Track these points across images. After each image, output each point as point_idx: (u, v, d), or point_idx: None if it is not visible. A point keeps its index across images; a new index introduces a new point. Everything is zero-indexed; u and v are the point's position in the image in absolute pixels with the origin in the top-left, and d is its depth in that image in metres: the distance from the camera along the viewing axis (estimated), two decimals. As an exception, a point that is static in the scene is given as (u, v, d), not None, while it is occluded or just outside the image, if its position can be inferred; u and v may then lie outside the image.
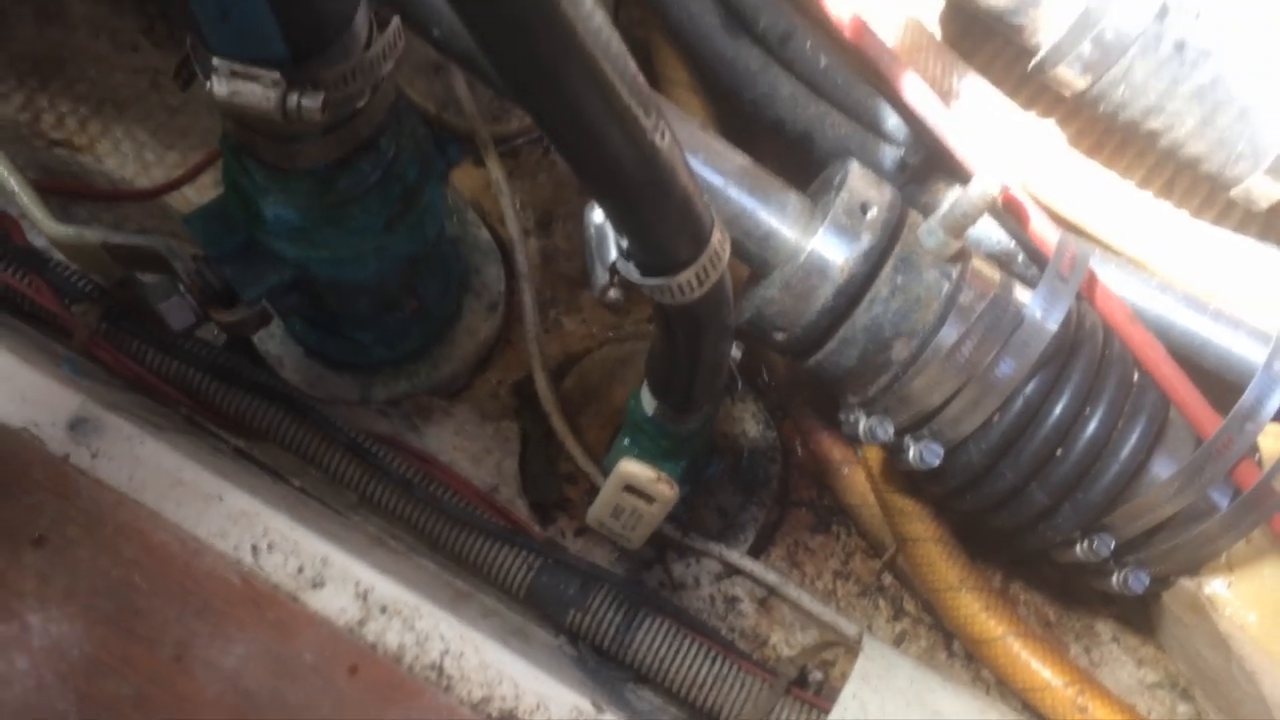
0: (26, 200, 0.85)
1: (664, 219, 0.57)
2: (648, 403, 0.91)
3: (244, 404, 0.96)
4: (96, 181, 1.10)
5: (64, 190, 0.99)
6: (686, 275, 0.61)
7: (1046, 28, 0.91)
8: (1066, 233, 0.89)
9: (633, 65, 0.47)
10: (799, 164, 1.08)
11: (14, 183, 0.85)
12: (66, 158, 1.11)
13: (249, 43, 0.64)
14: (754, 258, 0.90)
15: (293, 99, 0.65)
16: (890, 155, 1.00)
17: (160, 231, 1.05)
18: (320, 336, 1.02)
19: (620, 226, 0.59)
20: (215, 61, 0.65)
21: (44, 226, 0.85)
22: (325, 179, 0.77)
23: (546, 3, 0.41)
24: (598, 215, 0.71)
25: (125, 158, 1.12)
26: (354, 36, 0.68)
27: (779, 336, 0.89)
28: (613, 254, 0.66)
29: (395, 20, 0.71)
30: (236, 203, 0.83)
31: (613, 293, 0.66)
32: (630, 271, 0.62)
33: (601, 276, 0.68)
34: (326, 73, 0.67)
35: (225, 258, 0.84)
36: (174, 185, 1.03)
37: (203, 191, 1.09)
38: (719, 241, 0.63)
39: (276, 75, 0.65)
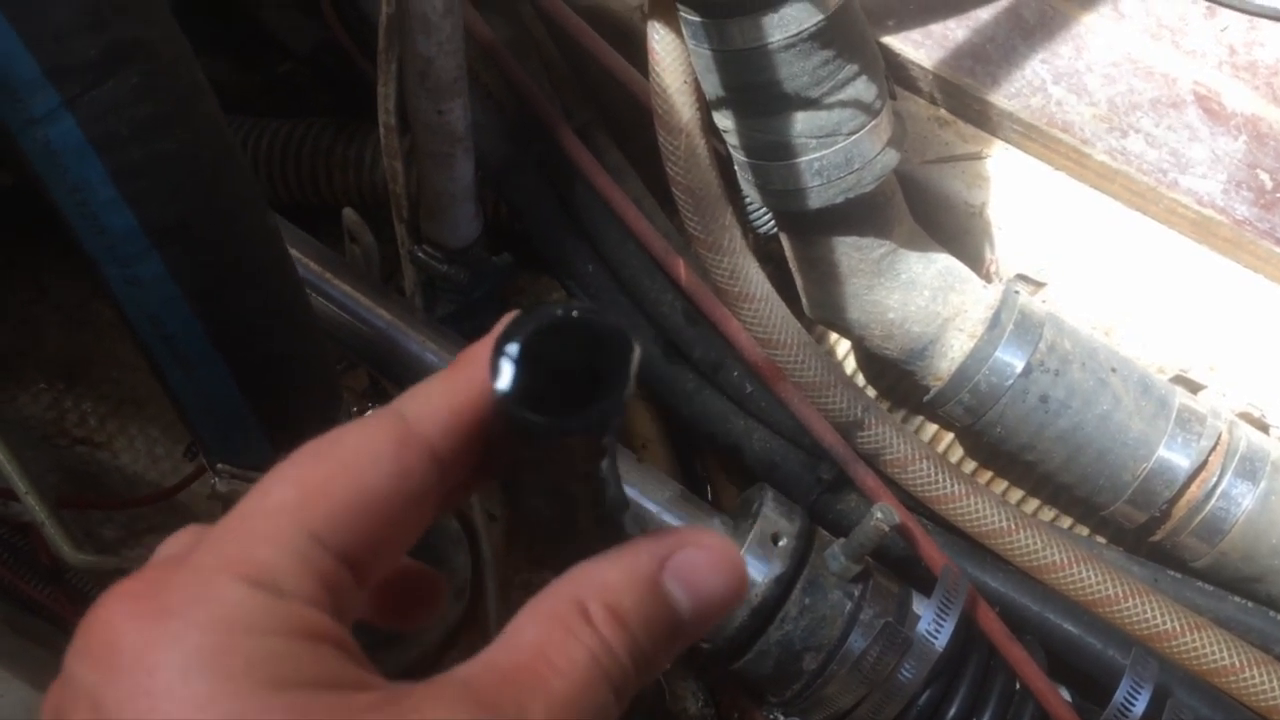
0: (52, 531, 0.98)
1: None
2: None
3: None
4: (112, 478, 1.24)
5: (85, 505, 1.13)
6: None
7: (932, 376, 1.06)
8: (950, 561, 1.02)
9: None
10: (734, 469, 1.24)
11: (42, 514, 0.99)
12: (86, 455, 1.25)
13: (244, 457, 0.78)
14: (684, 573, 1.04)
15: (282, 494, 0.80)
16: (808, 468, 1.14)
17: (168, 527, 1.19)
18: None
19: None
20: (218, 466, 0.79)
21: (65, 554, 0.98)
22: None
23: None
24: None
25: (138, 453, 1.27)
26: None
27: (704, 645, 1.02)
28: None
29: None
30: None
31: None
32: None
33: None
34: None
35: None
36: (179, 488, 1.17)
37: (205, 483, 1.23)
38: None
39: (270, 476, 0.79)
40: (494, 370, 0.32)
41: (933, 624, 0.97)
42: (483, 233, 1.15)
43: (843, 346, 1.25)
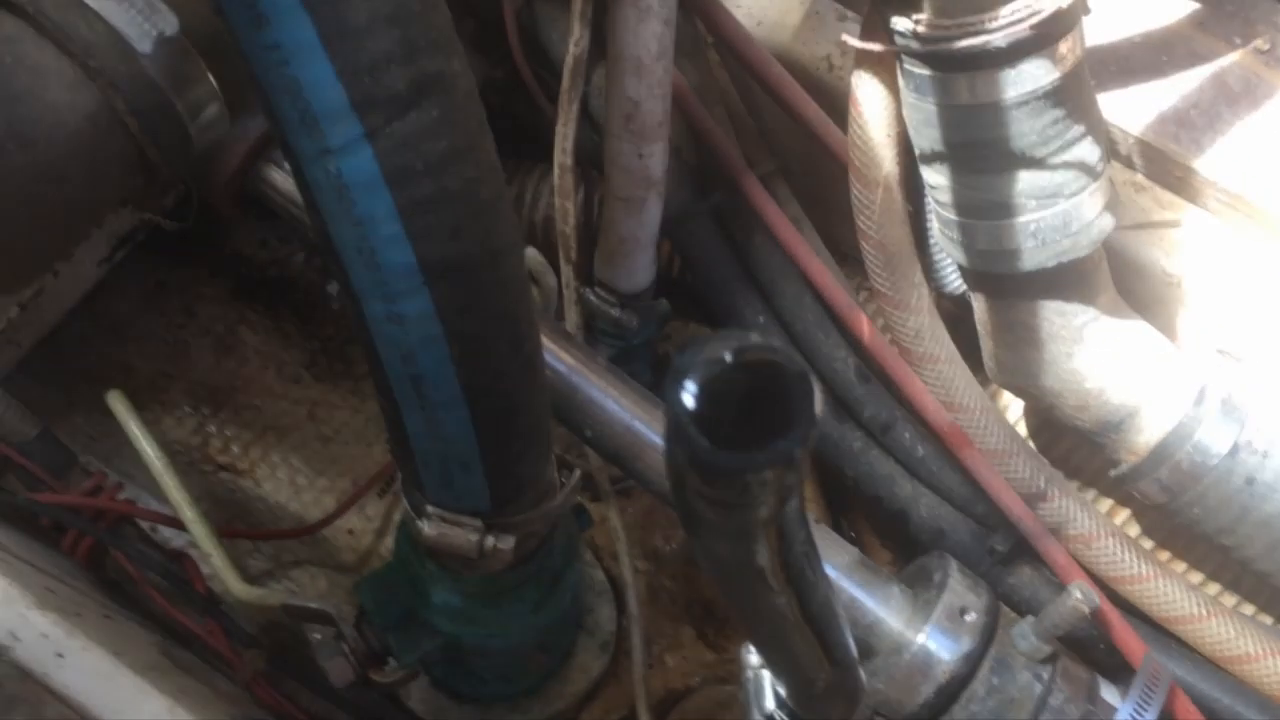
0: (220, 563, 0.96)
1: (832, 703, 0.67)
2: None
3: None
4: (255, 506, 1.22)
5: (238, 535, 1.11)
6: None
7: (1127, 450, 1.02)
8: (1150, 651, 0.97)
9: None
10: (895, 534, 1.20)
11: (210, 545, 0.97)
12: (230, 482, 1.24)
13: (462, 500, 0.75)
14: (858, 642, 0.99)
15: (489, 542, 0.77)
16: (979, 538, 1.10)
17: (313, 562, 1.16)
18: (447, 671, 1.11)
19: (790, 698, 0.69)
20: (429, 509, 0.76)
21: (233, 587, 0.96)
22: (493, 578, 0.88)
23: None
24: (755, 658, 0.80)
25: (280, 483, 1.25)
26: (546, 487, 0.79)
27: (881, 721, 0.97)
28: (770, 703, 0.75)
29: (577, 471, 0.83)
30: (404, 578, 0.94)
31: (768, 740, 0.75)
32: (787, 725, 0.72)
33: (758, 720, 0.76)
34: (519, 518, 0.78)
35: (388, 625, 0.94)
36: (330, 520, 1.15)
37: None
38: (866, 699, 0.73)
39: (479, 524, 0.76)
40: (676, 409, 0.31)
41: (1132, 717, 0.92)
42: (655, 279, 1.12)
43: (1013, 412, 1.20)
